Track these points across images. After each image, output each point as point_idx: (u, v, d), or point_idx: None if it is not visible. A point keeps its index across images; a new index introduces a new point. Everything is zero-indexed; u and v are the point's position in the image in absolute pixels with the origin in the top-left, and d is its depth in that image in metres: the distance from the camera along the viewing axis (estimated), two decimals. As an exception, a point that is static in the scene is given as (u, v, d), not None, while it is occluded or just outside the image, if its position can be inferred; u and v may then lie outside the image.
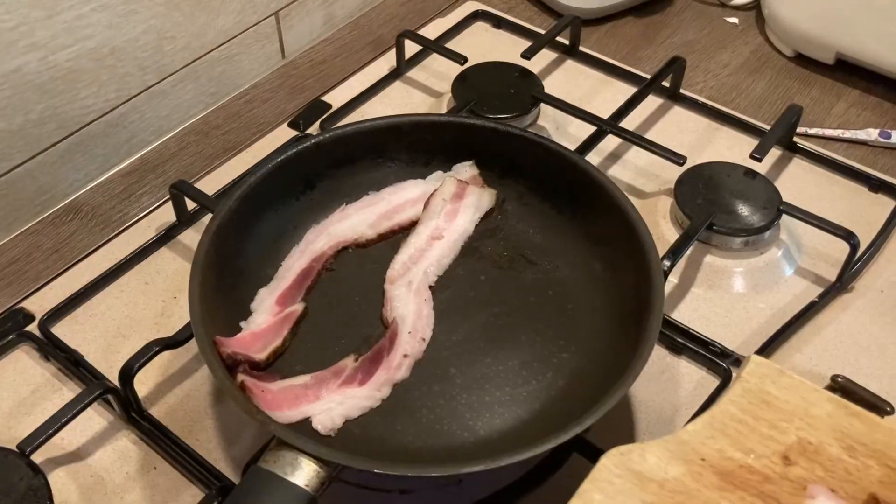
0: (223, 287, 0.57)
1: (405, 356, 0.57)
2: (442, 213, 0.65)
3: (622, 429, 0.58)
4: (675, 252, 0.63)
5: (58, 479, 0.56)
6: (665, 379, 0.61)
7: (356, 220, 0.65)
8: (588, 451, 0.54)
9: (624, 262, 0.58)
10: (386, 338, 0.58)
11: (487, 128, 0.65)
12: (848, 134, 0.78)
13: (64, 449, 0.57)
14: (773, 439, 0.44)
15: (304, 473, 0.46)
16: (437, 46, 0.83)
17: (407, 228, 0.65)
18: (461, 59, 0.80)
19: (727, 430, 0.44)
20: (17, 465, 0.53)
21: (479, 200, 0.65)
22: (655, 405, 0.60)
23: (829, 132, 0.79)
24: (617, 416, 0.59)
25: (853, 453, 0.43)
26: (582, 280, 0.61)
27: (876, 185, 0.73)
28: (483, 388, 0.56)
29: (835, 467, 0.43)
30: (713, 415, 0.45)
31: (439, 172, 0.67)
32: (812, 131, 0.79)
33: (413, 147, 0.66)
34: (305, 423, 0.54)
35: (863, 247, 0.67)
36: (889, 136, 0.78)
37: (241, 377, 0.53)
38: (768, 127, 0.75)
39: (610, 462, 0.43)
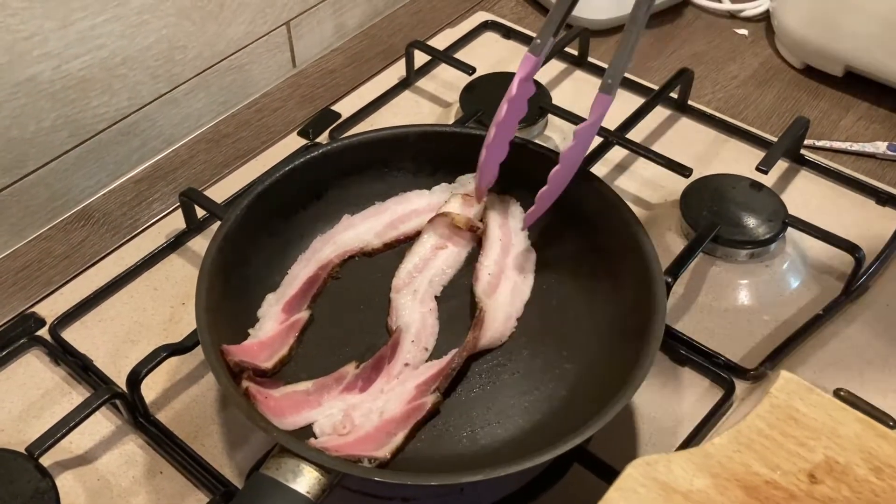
0: (230, 294, 0.58)
1: (406, 365, 0.57)
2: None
3: (625, 439, 0.58)
4: (680, 264, 0.63)
5: (65, 483, 0.56)
6: (668, 390, 0.61)
7: (362, 229, 0.65)
8: (589, 462, 0.54)
9: (627, 273, 0.58)
10: (388, 346, 0.58)
11: (493, 139, 0.66)
12: (856, 147, 0.78)
13: (72, 452, 0.58)
14: (800, 456, 0.44)
15: (305, 480, 0.46)
16: (445, 57, 0.83)
17: (412, 238, 0.65)
18: (469, 69, 0.81)
19: (754, 445, 0.44)
20: (26, 468, 0.54)
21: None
22: (658, 416, 0.60)
23: (836, 145, 0.79)
24: (620, 426, 0.59)
25: (881, 475, 0.43)
26: (585, 291, 0.61)
27: (883, 199, 0.73)
28: (485, 401, 0.56)
29: (861, 488, 0.43)
30: (740, 429, 0.45)
31: (444, 185, 0.67)
32: (820, 144, 0.79)
33: (419, 157, 0.67)
34: (309, 429, 0.54)
35: (869, 260, 0.66)
36: (897, 149, 0.78)
37: (245, 384, 0.53)
38: (776, 139, 0.75)
39: (636, 471, 0.43)
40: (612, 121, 0.78)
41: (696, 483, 0.43)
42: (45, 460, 0.55)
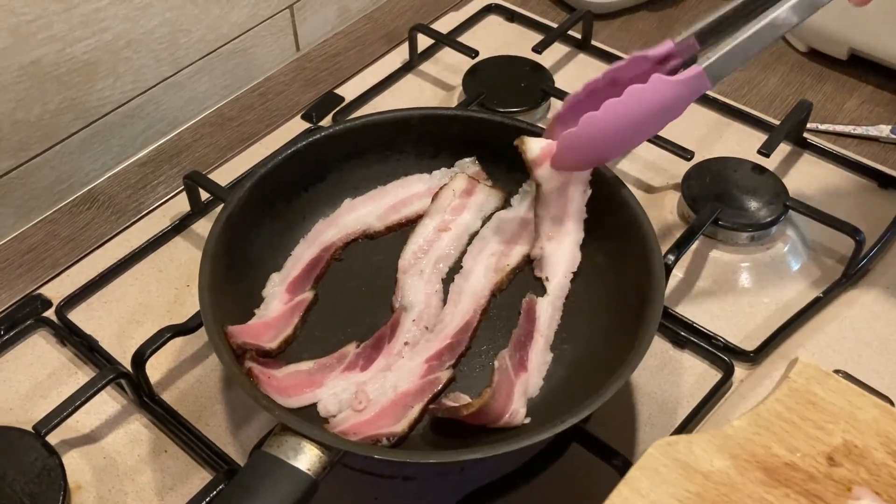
0: (233, 276, 0.59)
1: (406, 343, 0.58)
2: (449, 207, 0.65)
3: (624, 420, 0.59)
4: (680, 246, 0.63)
5: (72, 460, 0.57)
6: (668, 372, 0.62)
7: (364, 212, 0.66)
8: (588, 442, 0.55)
9: (626, 255, 0.58)
10: (387, 325, 0.59)
11: (495, 122, 0.66)
12: (859, 130, 0.78)
13: (78, 431, 0.59)
14: (819, 440, 0.45)
15: (306, 458, 0.47)
16: (448, 40, 0.83)
17: (414, 221, 0.66)
18: (472, 52, 0.81)
19: (773, 428, 0.45)
20: (33, 446, 0.55)
21: (486, 200, 0.66)
22: (657, 397, 0.60)
23: (840, 128, 0.79)
24: (619, 407, 0.60)
25: None
26: (585, 273, 0.61)
27: (885, 182, 0.73)
28: (485, 378, 0.57)
29: (879, 471, 0.43)
30: (759, 412, 0.46)
31: (444, 169, 0.68)
32: (823, 127, 0.79)
33: (421, 140, 0.67)
34: (313, 408, 0.55)
35: (869, 243, 0.67)
36: (901, 133, 0.77)
37: (248, 364, 0.54)
38: (779, 122, 0.75)
39: (657, 451, 0.44)
40: (614, 104, 0.78)
41: (716, 464, 0.43)
42: (52, 438, 0.56)
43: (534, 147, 0.60)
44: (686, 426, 0.58)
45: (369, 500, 0.56)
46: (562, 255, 0.61)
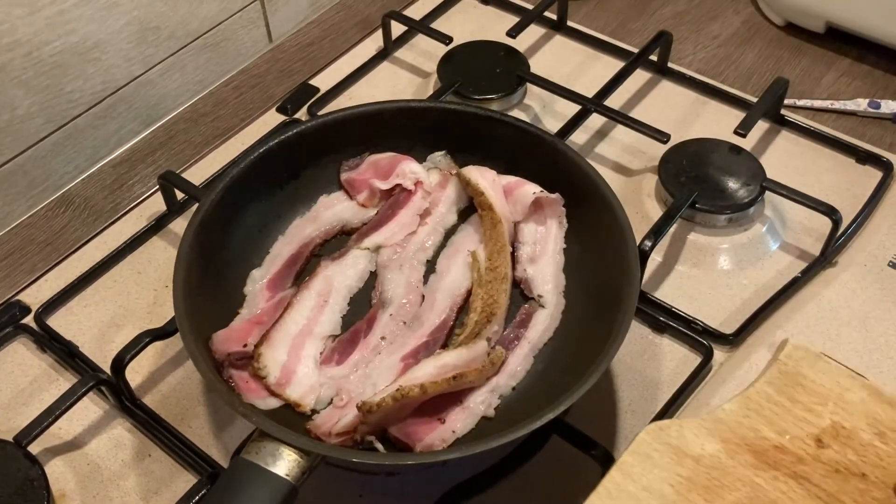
0: (209, 280, 0.58)
1: (382, 338, 0.58)
2: (425, 201, 0.65)
3: (604, 409, 0.59)
4: (657, 232, 0.63)
5: (55, 469, 0.57)
6: (647, 357, 0.62)
7: (341, 208, 0.65)
8: (567, 433, 0.55)
9: (601, 243, 0.58)
10: (364, 320, 0.59)
11: (468, 113, 0.65)
12: (837, 105, 0.78)
13: (61, 438, 0.59)
14: (808, 422, 0.45)
15: (285, 463, 0.47)
16: (422, 27, 0.82)
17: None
18: (447, 39, 0.80)
19: (763, 411, 0.45)
20: (15, 457, 0.54)
21: (460, 193, 0.65)
22: (637, 383, 0.60)
23: (818, 103, 0.78)
24: (598, 396, 0.60)
25: (885, 440, 0.44)
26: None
27: (863, 157, 0.73)
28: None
29: (866, 452, 0.44)
30: (749, 395, 0.46)
31: None
32: (801, 103, 0.78)
33: (395, 134, 0.66)
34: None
35: (847, 221, 0.66)
36: (878, 106, 0.77)
37: (228, 371, 0.54)
38: (756, 99, 0.75)
39: (648, 436, 0.44)
40: (592, 86, 0.77)
41: (707, 447, 0.44)
42: (35, 447, 0.56)
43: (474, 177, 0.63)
44: (666, 412, 0.58)
45: (354, 497, 0.56)
46: (549, 273, 0.61)
